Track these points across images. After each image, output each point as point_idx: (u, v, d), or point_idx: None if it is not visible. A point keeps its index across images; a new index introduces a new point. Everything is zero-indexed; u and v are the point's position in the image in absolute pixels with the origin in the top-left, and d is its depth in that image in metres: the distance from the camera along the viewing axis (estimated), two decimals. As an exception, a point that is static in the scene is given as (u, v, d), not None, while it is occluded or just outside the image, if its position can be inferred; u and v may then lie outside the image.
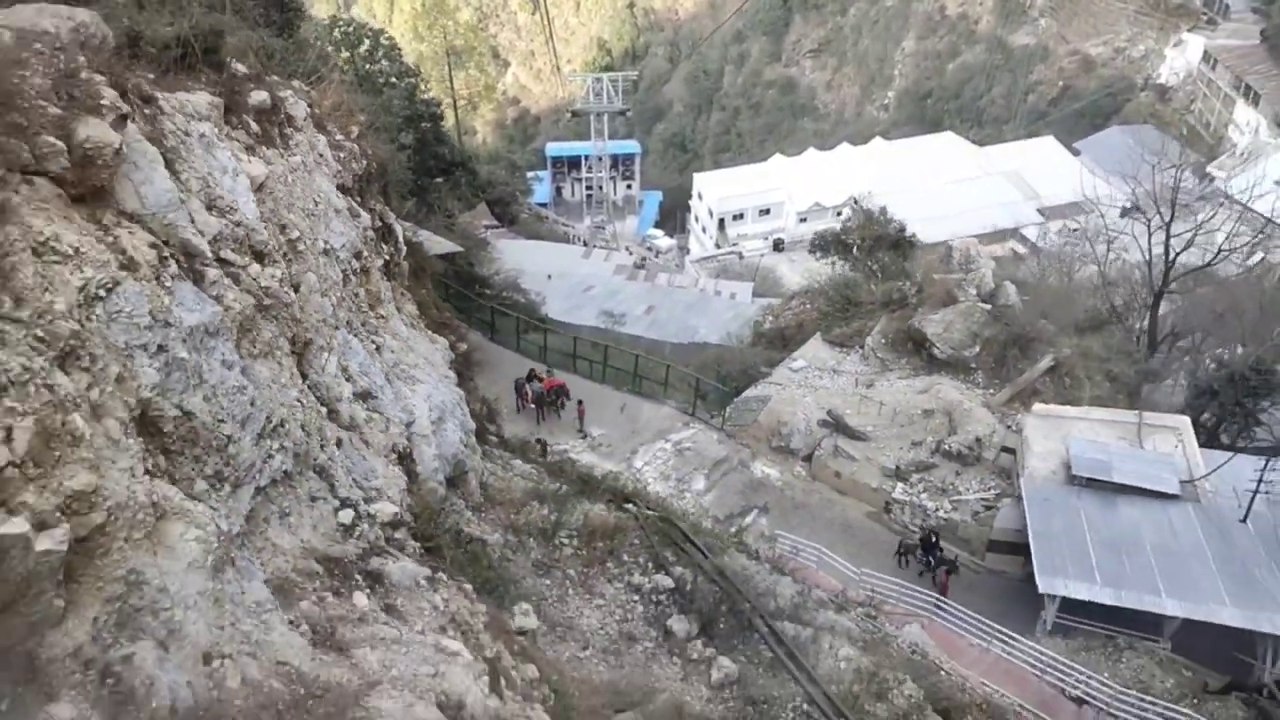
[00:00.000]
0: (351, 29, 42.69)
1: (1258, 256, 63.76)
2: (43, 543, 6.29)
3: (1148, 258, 37.88)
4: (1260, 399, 25.41)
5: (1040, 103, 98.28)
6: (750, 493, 24.52)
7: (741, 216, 74.66)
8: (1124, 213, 51.24)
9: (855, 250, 32.67)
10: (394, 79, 42.01)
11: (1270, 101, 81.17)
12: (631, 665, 15.83)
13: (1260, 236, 65.82)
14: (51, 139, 9.15)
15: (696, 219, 79.39)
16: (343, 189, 17.52)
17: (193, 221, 11.17)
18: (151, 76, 12.14)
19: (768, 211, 74.35)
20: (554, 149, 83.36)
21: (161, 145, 11.19)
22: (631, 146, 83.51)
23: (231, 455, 9.98)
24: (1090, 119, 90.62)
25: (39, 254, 8.23)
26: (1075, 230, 57.12)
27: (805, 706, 15.24)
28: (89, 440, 7.39)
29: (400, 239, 20.31)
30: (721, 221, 74.52)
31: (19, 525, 6.13)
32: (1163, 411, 25.77)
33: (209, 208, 11.76)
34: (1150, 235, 37.60)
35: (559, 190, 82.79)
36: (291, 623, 9.39)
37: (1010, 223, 66.08)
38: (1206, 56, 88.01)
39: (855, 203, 35.90)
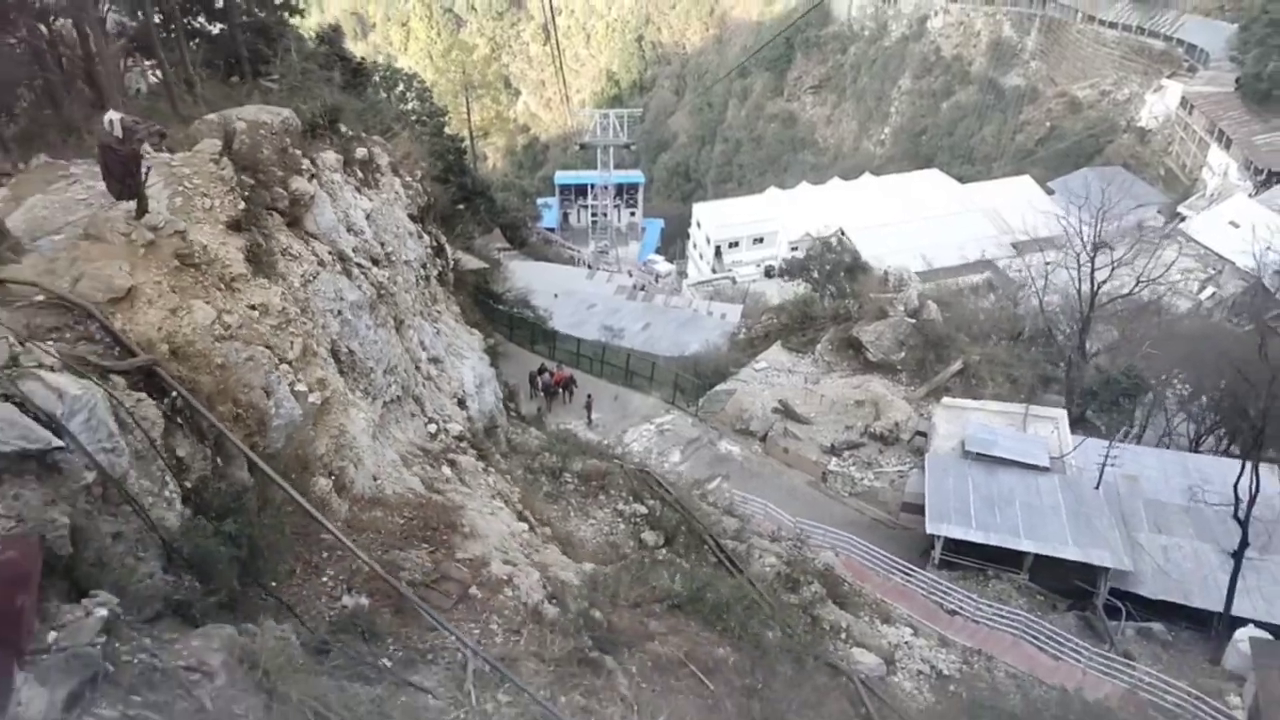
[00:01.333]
0: (389, 74, 50.40)
1: (1209, 291, 71.24)
2: (312, 398, 13.63)
3: (1077, 286, 45.01)
4: (1130, 398, 32.48)
5: (1028, 142, 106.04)
6: (716, 464, 31.65)
7: (737, 244, 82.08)
8: (1094, 250, 58.20)
9: (815, 274, 39.98)
10: (425, 118, 49.62)
11: (1241, 146, 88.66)
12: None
13: (1213, 272, 73.37)
14: (281, 189, 16.67)
15: (695, 246, 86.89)
16: (411, 217, 25.02)
17: (342, 238, 18.65)
18: (306, 143, 19.73)
19: (761, 240, 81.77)
20: (562, 177, 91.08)
21: (323, 189, 18.74)
22: (636, 177, 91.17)
23: (372, 380, 17.36)
24: (1074, 159, 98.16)
25: (282, 255, 15.72)
26: (1049, 263, 64.43)
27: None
28: (318, 354, 14.81)
29: (449, 256, 27.73)
30: (718, 249, 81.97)
31: (305, 388, 13.46)
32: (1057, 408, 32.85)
33: (348, 229, 19.25)
34: (1079, 268, 44.75)
35: (566, 216, 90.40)
36: (412, 472, 16.73)
37: (984, 255, 73.27)
38: (1184, 102, 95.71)
39: (811, 236, 43.05)
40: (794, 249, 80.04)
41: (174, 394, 10.65)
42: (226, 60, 24.63)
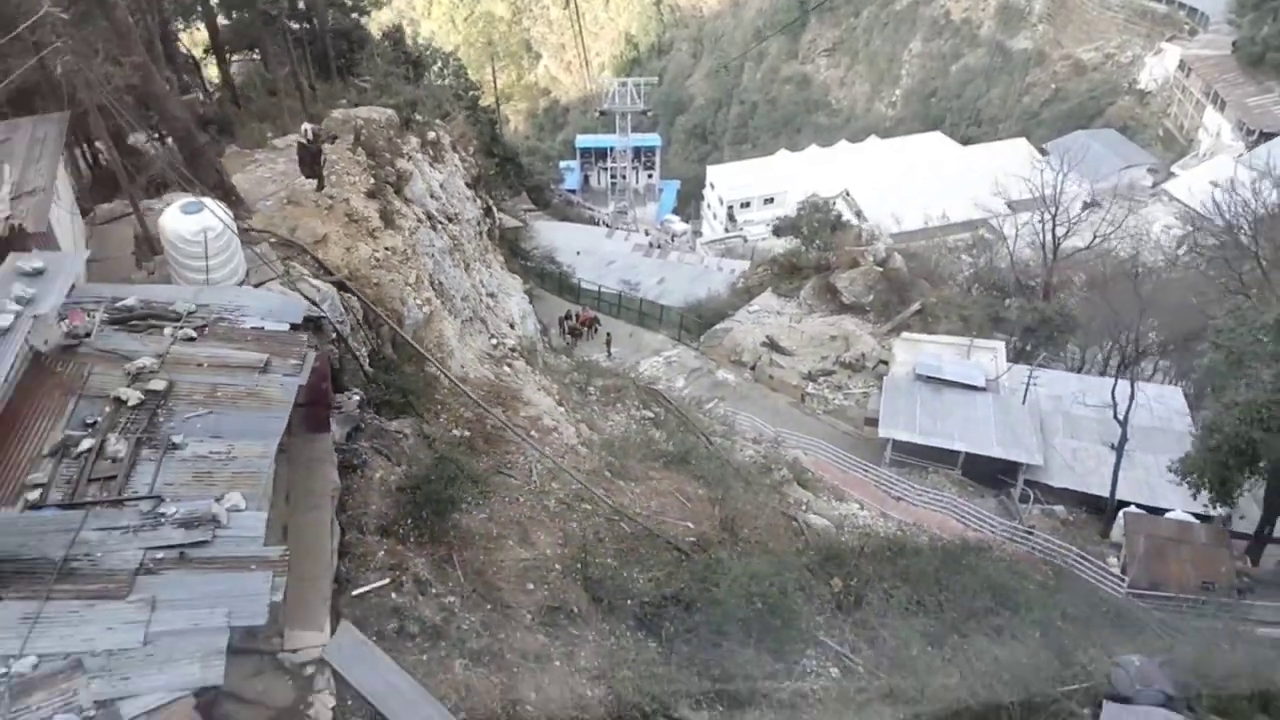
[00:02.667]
0: (428, 52, 57.39)
1: (1184, 248, 77.71)
2: (425, 310, 21.29)
3: (1042, 241, 51.78)
4: (1062, 333, 39.55)
5: (1034, 104, 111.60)
6: (714, 388, 39.04)
7: (748, 205, 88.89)
8: (1085, 206, 64.65)
9: (804, 231, 47.04)
10: (460, 93, 56.68)
11: (1234, 108, 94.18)
12: (627, 450, 30.39)
13: (1190, 229, 79.97)
14: (390, 168, 24.23)
15: (709, 206, 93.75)
16: (467, 185, 32.43)
17: (428, 203, 26.13)
18: (401, 132, 27.16)
19: (772, 200, 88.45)
20: (583, 141, 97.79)
21: (414, 166, 26.21)
22: (652, 140, 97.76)
23: (454, 304, 24.94)
24: (1077, 120, 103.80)
25: (397, 214, 23.36)
26: (1024, 222, 71.03)
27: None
28: (425, 282, 22.50)
29: (495, 216, 35.17)
30: (730, 209, 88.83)
31: (420, 303, 21.05)
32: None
33: (430, 196, 26.71)
34: (1043, 225, 51.51)
35: (587, 178, 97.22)
36: (484, 367, 24.36)
37: (980, 214, 79.80)
38: (1182, 65, 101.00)
39: (819, 196, 50.03)
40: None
41: (356, 298, 18.18)
42: (319, 62, 31.93)
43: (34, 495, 11.20)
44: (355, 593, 12.96)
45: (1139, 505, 32.11)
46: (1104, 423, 35.68)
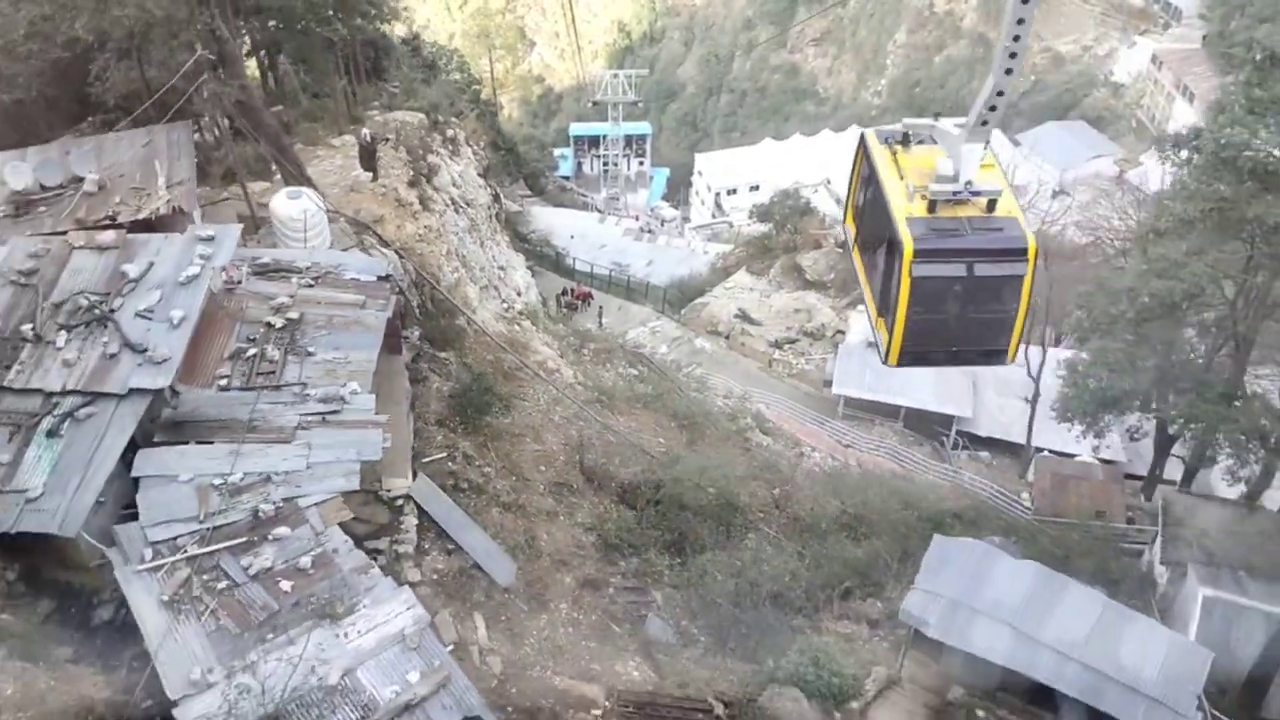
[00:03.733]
0: (435, 50, 63.52)
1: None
2: (454, 276, 27.87)
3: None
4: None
5: (1014, 94, 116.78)
6: (693, 355, 45.43)
7: (735, 192, 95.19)
8: (1054, 195, 70.95)
9: (776, 216, 53.45)
10: (463, 88, 62.83)
11: (1203, 101, 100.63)
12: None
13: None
14: (423, 162, 30.87)
15: (697, 193, 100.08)
16: (478, 174, 38.78)
17: (452, 190, 32.72)
18: (428, 131, 33.67)
19: (757, 188, 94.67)
20: (577, 129, 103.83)
21: (440, 159, 32.79)
22: (643, 128, 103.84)
23: (474, 273, 31.55)
24: (1054, 111, 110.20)
25: (431, 200, 30.00)
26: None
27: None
28: (453, 255, 29.13)
29: (502, 202, 41.56)
30: (717, 195, 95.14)
31: (451, 270, 27.63)
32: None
33: (452, 184, 33.23)
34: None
35: (580, 165, 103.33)
36: (499, 324, 30.99)
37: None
38: (1154, 58, 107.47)
39: (800, 184, 56.46)
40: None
41: (407, 265, 24.55)
42: (349, 67, 38.14)
43: (223, 382, 17.73)
44: (424, 460, 19.41)
45: (1052, 451, 38.60)
46: (1028, 383, 42.18)
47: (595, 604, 19.27)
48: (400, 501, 18.22)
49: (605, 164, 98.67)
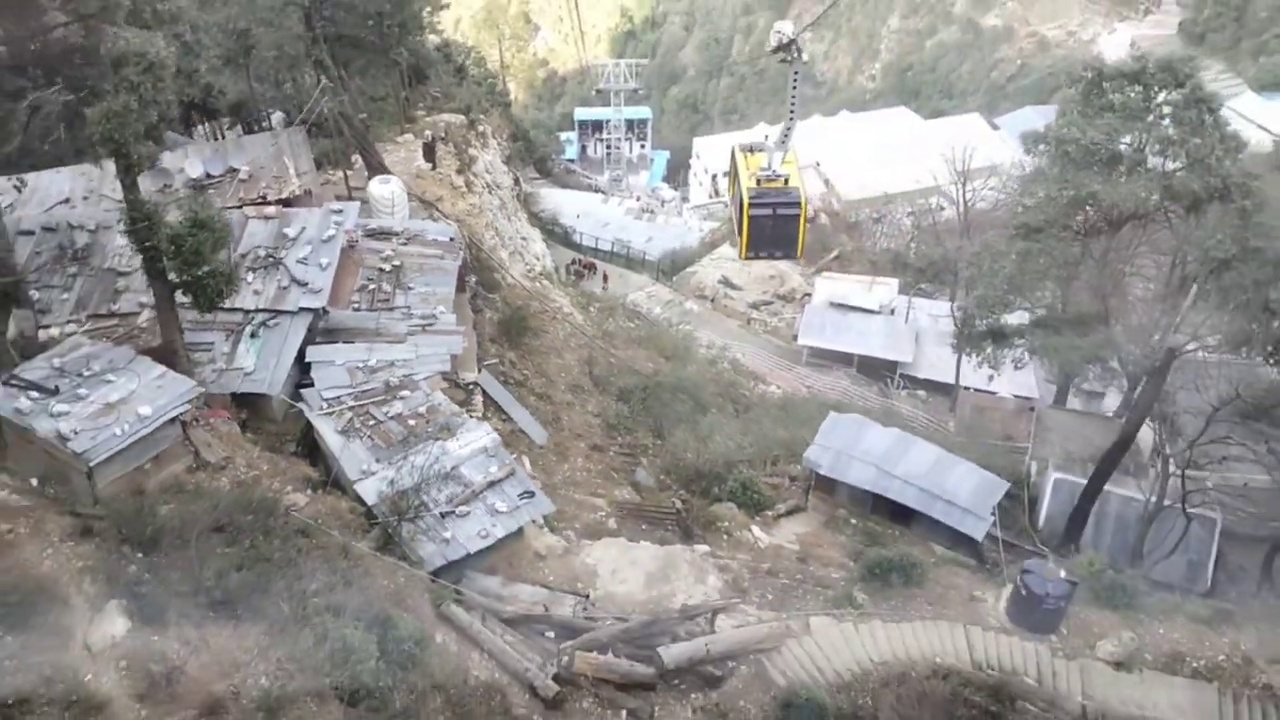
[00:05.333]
0: (452, 49, 73.48)
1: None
2: (492, 243, 38.38)
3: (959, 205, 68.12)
4: (944, 274, 56.05)
5: (1001, 78, 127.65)
6: (682, 315, 55.68)
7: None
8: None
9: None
10: (479, 82, 72.87)
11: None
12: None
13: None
14: (465, 155, 41.42)
15: (695, 175, 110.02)
16: (503, 161, 49.13)
17: (486, 176, 43.20)
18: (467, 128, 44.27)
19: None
20: (581, 114, 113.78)
21: (476, 151, 43.36)
22: (644, 113, 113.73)
23: (505, 241, 42.05)
24: (1037, 94, 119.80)
25: (472, 184, 40.63)
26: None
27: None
28: (491, 226, 39.69)
29: (521, 185, 51.83)
30: (714, 177, 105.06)
31: (489, 239, 38.05)
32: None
33: (485, 171, 43.65)
34: (958, 190, 67.78)
35: (584, 148, 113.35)
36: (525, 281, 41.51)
37: (932, 183, 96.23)
38: (1133, 43, 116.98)
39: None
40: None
41: (462, 231, 34.94)
42: (401, 78, 48.27)
43: (355, 305, 28.11)
44: (485, 362, 29.71)
45: (977, 389, 48.78)
46: (964, 336, 52.32)
47: (600, 460, 29.54)
48: (471, 386, 28.52)
49: (608, 147, 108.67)
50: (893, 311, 53.61)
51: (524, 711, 19.47)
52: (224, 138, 37.97)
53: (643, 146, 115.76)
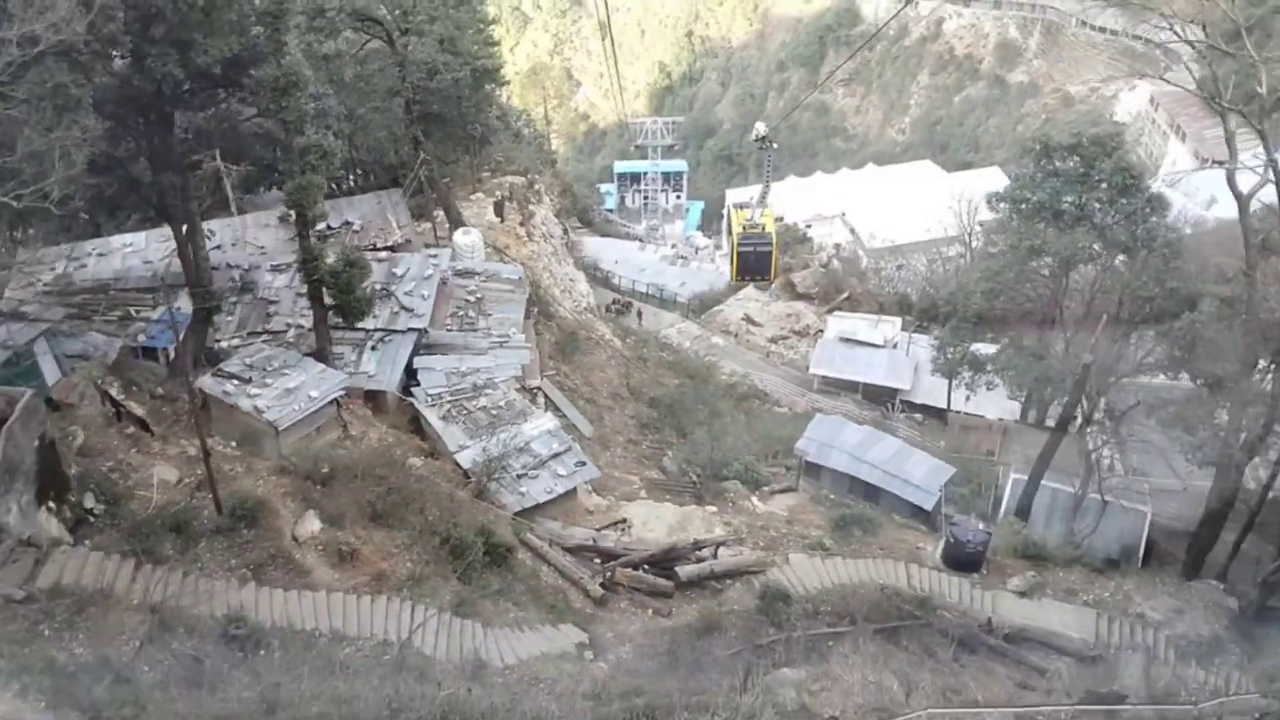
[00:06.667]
0: (508, 116, 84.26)
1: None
2: (548, 283, 48.44)
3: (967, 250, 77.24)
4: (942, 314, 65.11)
5: (1026, 132, 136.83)
6: (709, 348, 65.20)
7: (781, 219, 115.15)
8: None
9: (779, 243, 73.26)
10: (529, 142, 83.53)
11: (1193, 139, 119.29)
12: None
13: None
14: (526, 210, 51.77)
15: (727, 224, 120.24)
16: (555, 215, 59.47)
17: (542, 228, 53.40)
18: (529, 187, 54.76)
19: (781, 219, 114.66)
20: (620, 166, 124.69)
21: (534, 207, 53.71)
22: (680, 166, 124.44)
23: (557, 280, 52.00)
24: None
25: (531, 234, 50.92)
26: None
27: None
28: (547, 269, 49.80)
29: (569, 235, 62.01)
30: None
31: (546, 280, 48.14)
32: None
33: (542, 223, 53.92)
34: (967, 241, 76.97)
35: (623, 199, 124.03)
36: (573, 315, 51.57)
37: (954, 232, 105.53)
38: (1152, 99, 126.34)
39: (778, 220, 76.55)
40: (808, 226, 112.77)
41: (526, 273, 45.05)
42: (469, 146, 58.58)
43: (449, 327, 38.10)
44: (544, 373, 39.39)
45: (966, 413, 57.64)
46: (959, 368, 61.24)
47: (634, 450, 38.95)
48: (535, 390, 38.15)
49: (645, 198, 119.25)
50: (895, 346, 62.70)
51: (580, 605, 28.78)
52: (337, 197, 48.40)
53: (678, 197, 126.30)
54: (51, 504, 23.63)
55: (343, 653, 22.83)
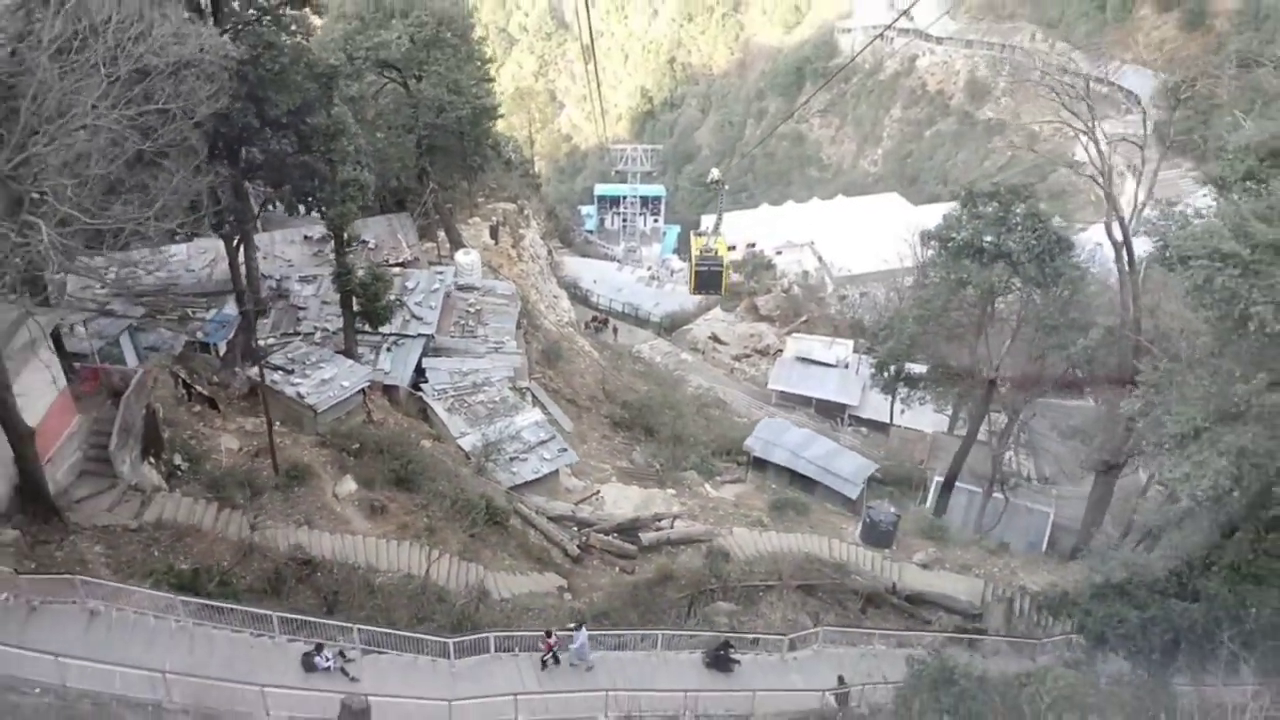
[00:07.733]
0: (499, 144, 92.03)
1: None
2: (535, 299, 56.39)
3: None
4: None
5: (992, 168, 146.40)
6: (678, 364, 73.12)
7: (734, 248, 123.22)
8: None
9: (746, 269, 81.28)
10: (516, 166, 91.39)
11: (1147, 179, 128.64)
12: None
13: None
14: (517, 234, 59.78)
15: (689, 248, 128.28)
16: (541, 237, 67.41)
17: (531, 249, 61.46)
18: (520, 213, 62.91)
19: (753, 245, 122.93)
20: (601, 189, 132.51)
21: (524, 230, 61.78)
22: (658, 190, 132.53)
23: (544, 296, 59.85)
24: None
25: (521, 255, 58.94)
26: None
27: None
28: (535, 287, 57.74)
29: (552, 256, 69.88)
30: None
31: (534, 295, 56.08)
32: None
33: (529, 244, 61.90)
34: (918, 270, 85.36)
35: (602, 221, 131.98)
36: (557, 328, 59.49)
37: (913, 263, 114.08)
38: (1107, 139, 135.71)
39: (749, 246, 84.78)
40: (779, 253, 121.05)
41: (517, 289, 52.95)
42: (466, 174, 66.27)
43: (452, 334, 45.91)
44: (532, 375, 47.10)
45: (906, 426, 65.66)
46: (904, 387, 69.31)
47: (609, 445, 46.66)
48: (525, 389, 45.80)
49: (624, 220, 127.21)
50: (846, 365, 70.79)
51: (561, 561, 36.44)
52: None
53: (656, 220, 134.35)
54: (151, 459, 31.15)
55: (377, 580, 30.49)
